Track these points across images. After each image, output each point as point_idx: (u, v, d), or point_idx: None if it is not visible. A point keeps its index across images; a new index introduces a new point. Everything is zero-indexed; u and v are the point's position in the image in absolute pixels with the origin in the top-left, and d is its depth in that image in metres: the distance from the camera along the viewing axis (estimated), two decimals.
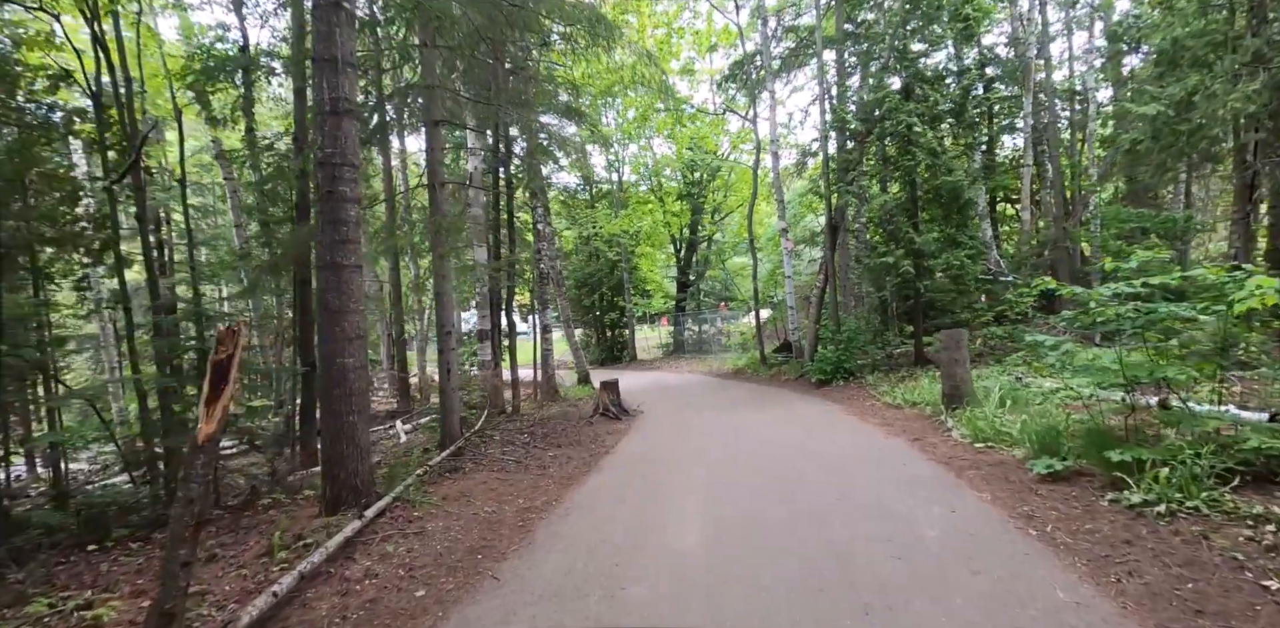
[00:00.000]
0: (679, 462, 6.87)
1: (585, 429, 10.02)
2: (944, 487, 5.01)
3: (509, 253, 12.40)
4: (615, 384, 11.18)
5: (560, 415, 11.81)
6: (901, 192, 12.10)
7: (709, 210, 27.19)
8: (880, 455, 6.26)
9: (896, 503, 4.66)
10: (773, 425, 8.63)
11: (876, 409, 9.28)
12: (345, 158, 5.17)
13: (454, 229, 7.83)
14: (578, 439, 9.09)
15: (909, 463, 5.87)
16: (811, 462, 6.20)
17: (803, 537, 4.13)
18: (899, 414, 8.58)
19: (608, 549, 4.24)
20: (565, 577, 3.83)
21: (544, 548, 4.41)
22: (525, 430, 10.16)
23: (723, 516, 4.77)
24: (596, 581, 3.71)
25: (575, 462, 7.44)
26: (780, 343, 18.75)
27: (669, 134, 18.80)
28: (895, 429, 7.55)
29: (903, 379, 11.48)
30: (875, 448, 6.64)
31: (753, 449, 7.14)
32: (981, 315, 16.51)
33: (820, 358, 12.40)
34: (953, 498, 4.70)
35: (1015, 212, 19.74)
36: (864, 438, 7.25)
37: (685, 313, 27.15)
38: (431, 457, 7.32)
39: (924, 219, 12.17)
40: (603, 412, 10.93)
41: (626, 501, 5.49)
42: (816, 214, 20.02)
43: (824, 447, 6.90)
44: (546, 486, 6.30)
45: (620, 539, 4.43)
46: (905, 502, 4.67)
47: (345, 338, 5.13)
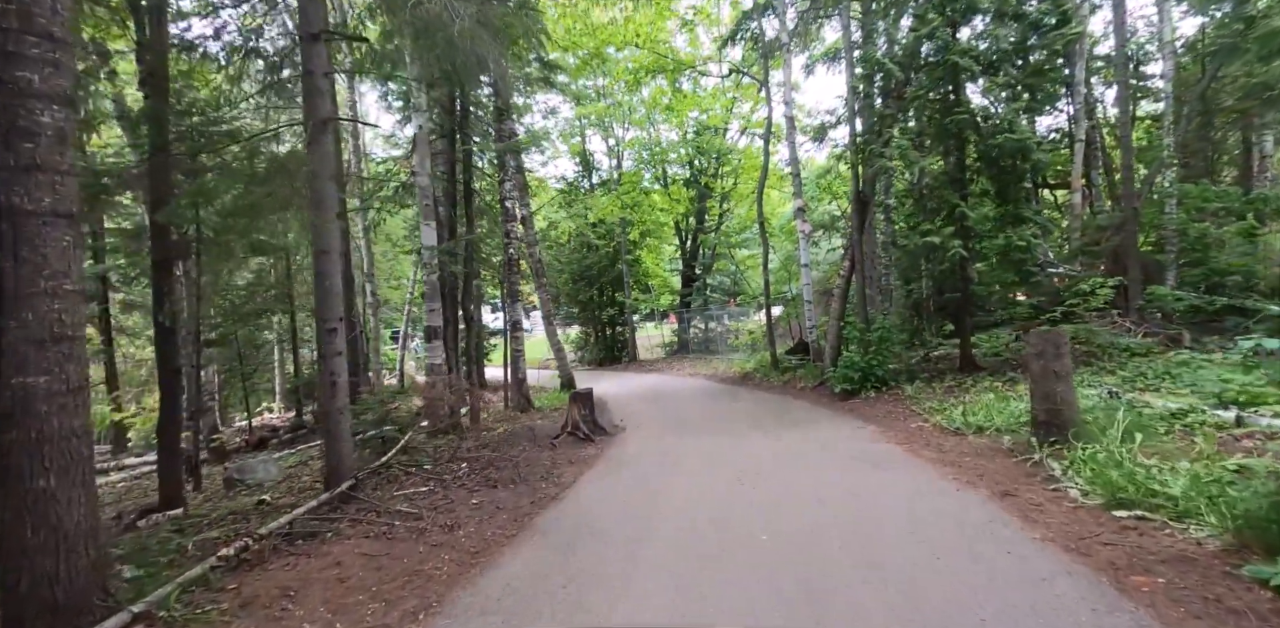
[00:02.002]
0: (649, 529, 4.59)
1: (543, 456, 7.76)
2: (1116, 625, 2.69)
3: (466, 233, 10.17)
4: (588, 396, 8.92)
5: (522, 433, 9.56)
6: (947, 156, 9.72)
7: (716, 196, 24.80)
8: (961, 530, 3.94)
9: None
10: (790, 461, 6.31)
11: (926, 434, 6.94)
12: (29, 23, 2.92)
13: (313, 178, 5.56)
14: (526, 473, 6.83)
15: (1017, 550, 3.55)
16: (854, 543, 3.90)
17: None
18: (962, 445, 6.24)
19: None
20: None
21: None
22: (465, 456, 7.93)
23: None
24: None
25: (503, 517, 5.18)
26: (794, 343, 16.40)
27: (668, 104, 16.50)
28: (965, 472, 5.23)
29: (951, 391, 9.13)
30: (948, 512, 4.31)
31: (760, 507, 4.84)
32: (1025, 311, 14.09)
33: (846, 362, 10.07)
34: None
35: (1055, 196, 17.23)
36: (925, 489, 4.93)
37: (690, 310, 24.83)
38: (283, 515, 5.08)
39: (973, 192, 9.79)
40: (571, 430, 8.68)
41: (546, 613, 3.24)
42: (836, 197, 17.64)
43: (867, 506, 4.59)
44: (437, 568, 4.05)
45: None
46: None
47: (32, 340, 2.89)
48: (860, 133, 10.25)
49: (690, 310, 24.76)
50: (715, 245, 25.79)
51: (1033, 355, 5.41)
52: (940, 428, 7.10)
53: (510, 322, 11.88)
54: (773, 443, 7.21)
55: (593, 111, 22.06)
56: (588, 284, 24.73)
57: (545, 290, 14.24)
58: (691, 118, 23.02)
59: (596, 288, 24.77)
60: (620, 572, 3.73)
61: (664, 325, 29.29)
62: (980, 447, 6.03)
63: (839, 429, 7.75)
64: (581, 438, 8.46)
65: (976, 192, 9.81)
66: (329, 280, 5.68)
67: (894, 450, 6.29)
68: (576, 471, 6.83)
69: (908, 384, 9.76)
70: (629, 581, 3.58)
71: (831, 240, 18.54)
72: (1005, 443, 5.92)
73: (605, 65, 13.33)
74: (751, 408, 10.25)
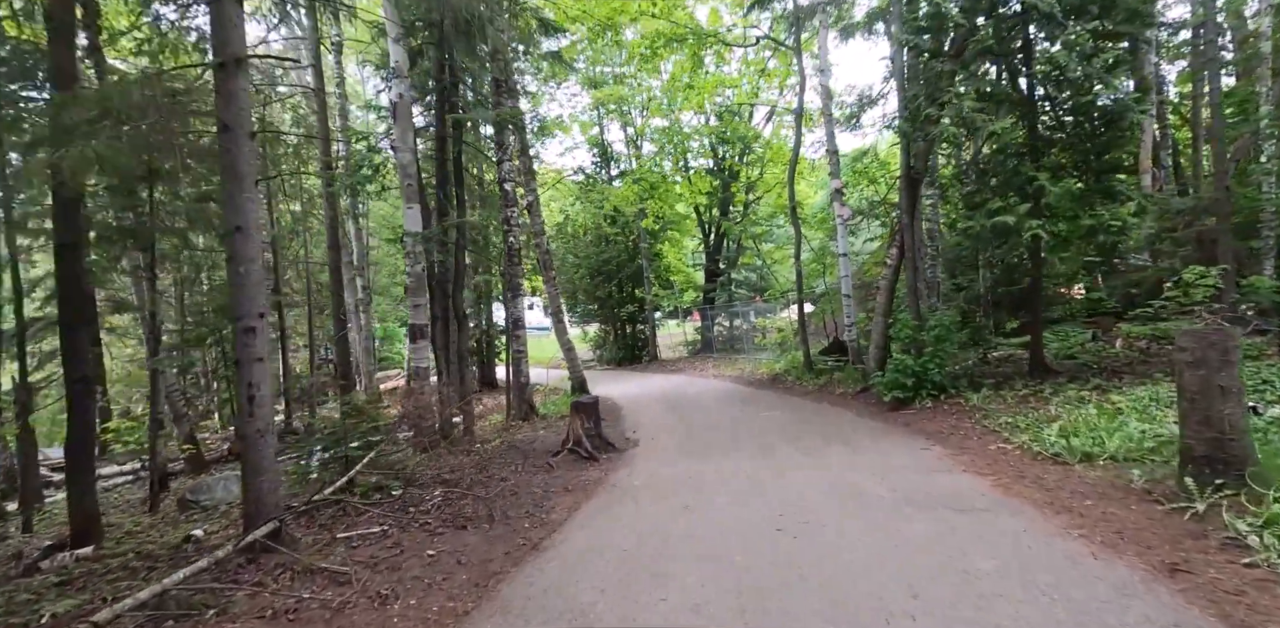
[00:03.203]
0: (653, 613, 3.23)
1: (536, 479, 6.45)
2: None
3: (456, 217, 8.89)
4: (593, 407, 7.58)
5: (519, 447, 8.27)
6: (1019, 122, 8.14)
7: (742, 184, 23.26)
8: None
9: None
10: (845, 499, 4.87)
11: (1013, 461, 5.46)
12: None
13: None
14: (510, 505, 5.52)
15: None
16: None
17: None
18: (1070, 479, 4.75)
19: None
20: None
21: None
22: (445, 477, 6.65)
23: None
24: None
25: (461, 579, 3.86)
26: (829, 342, 14.89)
27: (689, 82, 15.07)
28: (1095, 527, 3.76)
29: (1025, 401, 7.62)
30: (1105, 604, 2.87)
31: (816, 584, 3.44)
32: (1089, 306, 12.39)
33: (896, 366, 8.57)
34: None
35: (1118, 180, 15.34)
36: (1047, 556, 3.48)
37: (714, 306, 23.34)
38: (165, 577, 3.82)
39: (1045, 165, 8.22)
40: (573, 446, 7.35)
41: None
42: (873, 182, 16.04)
43: (975, 591, 3.17)
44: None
45: None
46: None
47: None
48: (911, 97, 8.73)
49: (714, 307, 23.28)
50: (740, 237, 24.26)
51: (1187, 363, 3.91)
52: (1029, 452, 5.61)
53: (511, 319, 10.61)
54: (818, 469, 5.78)
55: (609, 97, 20.71)
56: (606, 279, 23.38)
57: (553, 284, 12.94)
58: (714, 104, 21.61)
59: (615, 283, 23.40)
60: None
61: (687, 323, 27.86)
62: (1099, 484, 4.54)
63: (897, 450, 6.28)
64: (584, 457, 7.13)
65: (1049, 164, 8.22)
66: (245, 266, 4.41)
67: (978, 485, 4.83)
68: (572, 502, 5.49)
69: (971, 392, 8.25)
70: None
71: (870, 229, 16.90)
72: (1135, 480, 4.43)
73: (618, 37, 12.02)
74: (786, 419, 8.81)
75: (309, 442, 6.45)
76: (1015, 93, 8.26)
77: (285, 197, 13.17)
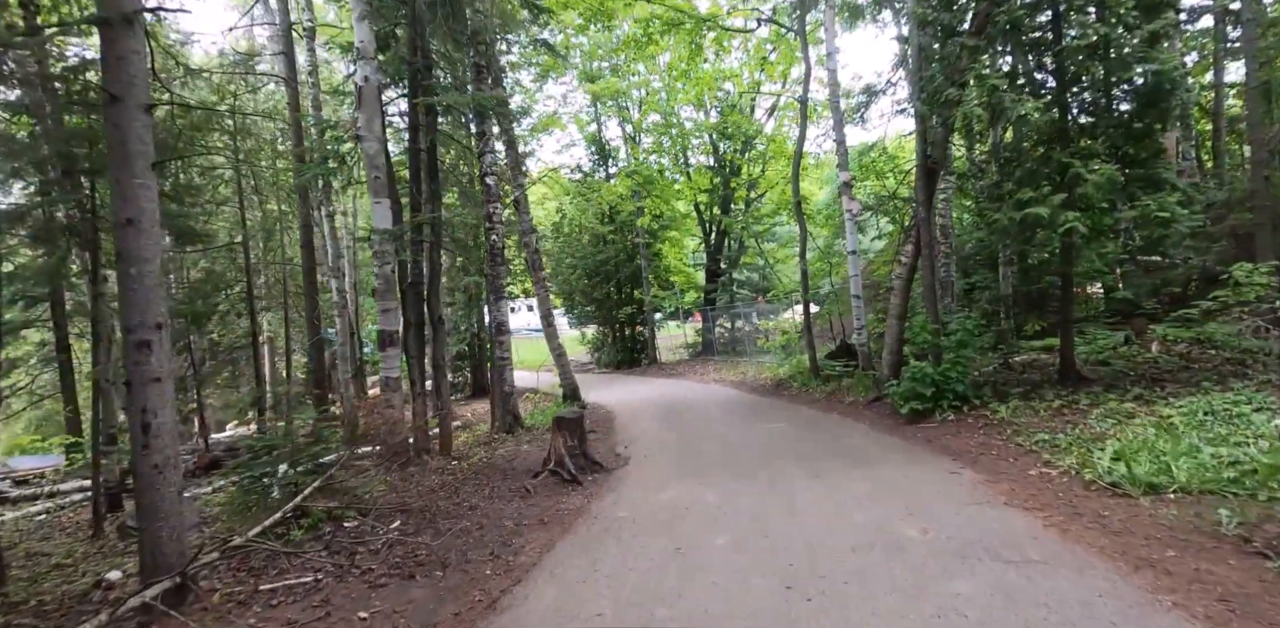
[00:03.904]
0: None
1: (509, 507, 5.67)
2: None
3: (429, 212, 8.11)
4: (577, 422, 6.78)
5: (498, 465, 7.50)
6: (1052, 103, 7.33)
7: (743, 181, 22.47)
8: None
9: None
10: (871, 545, 4.08)
11: (1063, 490, 4.65)
12: None
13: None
14: (473, 543, 4.75)
15: None
16: None
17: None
18: (1138, 517, 3.96)
19: None
20: None
21: None
22: (409, 504, 5.87)
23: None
24: None
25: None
26: (836, 345, 14.07)
27: (685, 69, 14.30)
28: (1190, 592, 2.97)
29: (1061, 414, 6.82)
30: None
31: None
32: (1110, 305, 11.54)
33: (914, 373, 7.76)
34: None
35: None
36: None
37: (715, 307, 22.53)
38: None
39: (1079, 151, 7.40)
40: (554, 467, 6.56)
41: None
42: (881, 176, 15.22)
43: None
44: None
45: None
46: None
47: None
48: (929, 78, 7.93)
49: (715, 308, 22.48)
50: (742, 236, 23.47)
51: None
52: (1079, 479, 4.80)
53: (494, 323, 9.82)
54: (833, 500, 4.97)
55: (605, 91, 19.94)
56: (603, 280, 22.60)
57: (543, 286, 12.14)
58: (714, 99, 20.89)
59: (613, 284, 22.62)
60: None
61: (687, 325, 27.07)
62: (1178, 527, 3.73)
63: (923, 474, 5.48)
64: (566, 479, 6.34)
65: (1082, 151, 7.41)
66: (138, 267, 3.64)
67: (1028, 525, 4.02)
68: (545, 540, 4.70)
69: (999, 404, 7.45)
70: None
71: (878, 226, 16.13)
72: (1225, 523, 3.63)
73: (611, 22, 11.27)
74: (794, 433, 8.01)
75: (245, 465, 5.67)
76: (1044, 71, 7.45)
77: (260, 195, 12.42)
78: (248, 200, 12.15)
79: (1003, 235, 7.46)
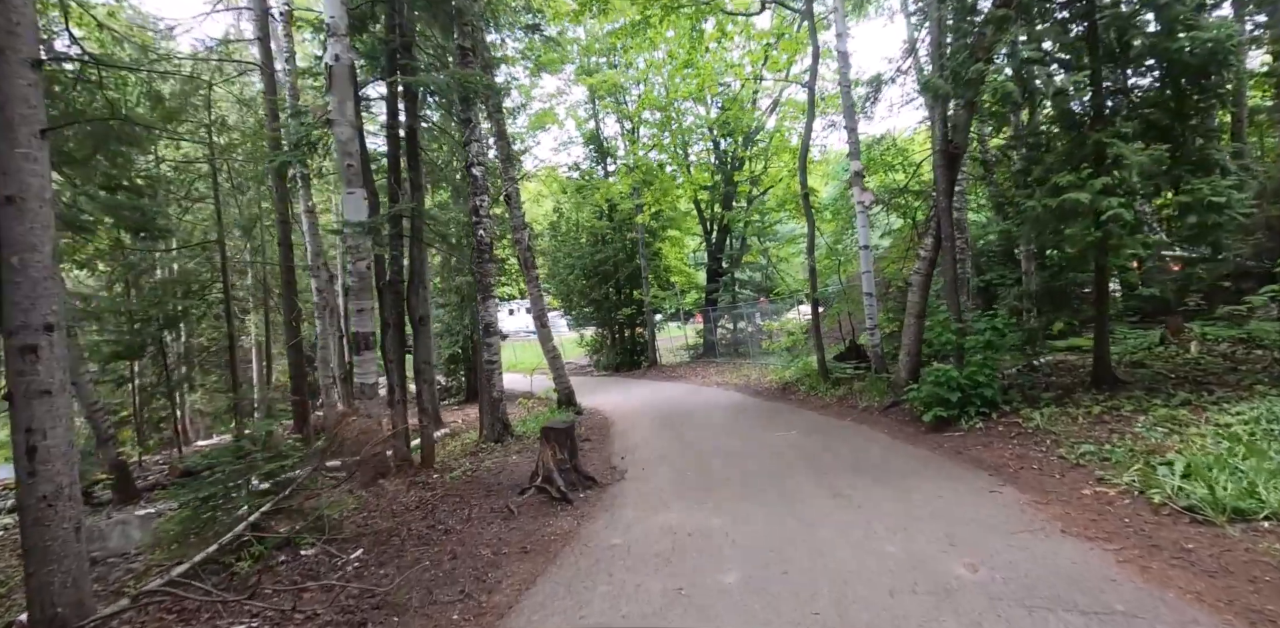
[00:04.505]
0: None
1: (489, 531, 5.02)
2: None
3: (407, 202, 7.47)
4: (567, 433, 6.11)
5: (482, 480, 6.85)
6: (1092, 79, 6.66)
7: (745, 177, 21.84)
8: None
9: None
10: (906, 585, 3.42)
11: (1128, 515, 3.98)
12: None
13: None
14: (443, 578, 4.10)
15: None
16: None
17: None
18: (1230, 552, 3.30)
19: None
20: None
21: None
22: (379, 526, 5.23)
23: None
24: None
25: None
26: (845, 346, 13.42)
27: (686, 59, 13.66)
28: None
29: (1102, 421, 6.17)
30: None
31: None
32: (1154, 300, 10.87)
33: (937, 377, 7.08)
34: None
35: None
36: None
37: (717, 308, 21.86)
38: None
39: (1121, 132, 6.74)
40: (543, 482, 5.90)
41: None
42: (891, 169, 14.57)
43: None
44: None
45: None
46: None
47: None
48: (952, 53, 7.28)
49: (717, 309, 21.81)
50: (744, 233, 22.84)
51: None
52: (1142, 499, 4.14)
53: (482, 324, 9.17)
54: (858, 524, 4.31)
55: (603, 85, 19.31)
56: (602, 280, 21.92)
57: (536, 285, 11.48)
58: (716, 94, 20.31)
59: (612, 284, 21.95)
60: None
61: (689, 326, 26.40)
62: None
63: (958, 493, 4.81)
64: (555, 497, 5.68)
65: (1123, 131, 6.75)
66: (22, 256, 2.99)
67: (1098, 561, 3.36)
68: (526, 574, 4.05)
69: (1030, 410, 6.78)
70: None
71: (889, 222, 15.46)
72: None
73: (607, 4, 10.66)
74: (806, 441, 7.34)
75: (188, 486, 5.02)
76: (1080, 43, 6.79)
77: (238, 191, 11.79)
78: (227, 197, 11.53)
79: (1034, 225, 6.78)
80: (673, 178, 19.25)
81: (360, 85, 8.17)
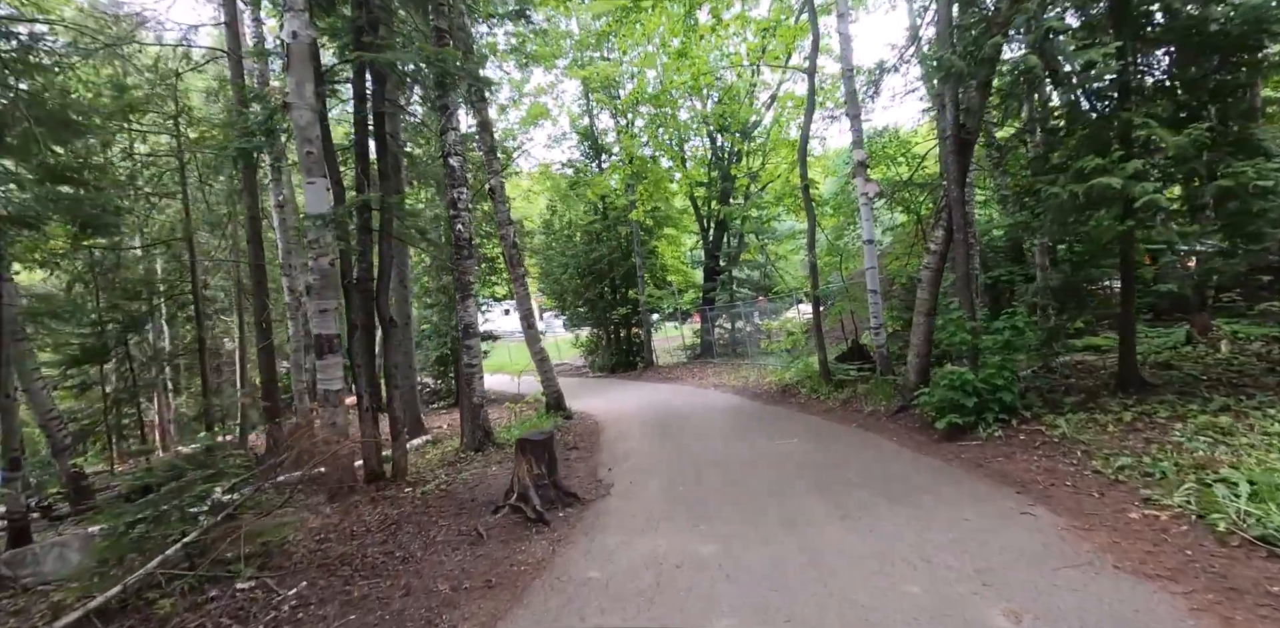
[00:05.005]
0: None
1: (454, 559, 4.44)
2: None
3: (374, 193, 6.88)
4: (545, 445, 5.52)
5: (452, 498, 6.26)
6: (1113, 51, 6.08)
7: (744, 170, 21.28)
8: None
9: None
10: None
11: (1188, 546, 3.40)
12: None
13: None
14: (386, 619, 3.51)
15: None
16: None
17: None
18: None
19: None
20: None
21: None
22: (333, 552, 4.65)
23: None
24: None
25: None
26: (848, 346, 12.85)
27: (680, 48, 13.09)
28: None
29: (1133, 428, 5.61)
30: None
31: None
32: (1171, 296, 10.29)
33: (951, 381, 6.49)
34: None
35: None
36: None
37: (715, 307, 21.28)
38: None
39: (1147, 113, 6.15)
40: (517, 500, 5.32)
41: None
42: (893, 161, 14.00)
43: None
44: None
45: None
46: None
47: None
48: (966, 26, 6.70)
49: (715, 308, 21.23)
50: (742, 229, 22.26)
51: None
52: (1201, 525, 3.57)
53: (463, 325, 8.58)
54: (874, 555, 3.72)
55: (596, 78, 18.74)
56: (596, 279, 21.34)
57: (522, 284, 10.89)
58: (710, 83, 19.77)
59: (606, 284, 21.37)
60: None
61: (686, 326, 25.82)
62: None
63: (987, 515, 4.22)
64: (531, 518, 5.09)
65: (1154, 110, 6.17)
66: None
67: (1170, 611, 2.78)
68: (486, 616, 3.48)
69: (1053, 416, 6.21)
70: None
71: (892, 216, 14.89)
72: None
73: None
74: (810, 451, 6.75)
75: (112, 510, 4.43)
76: (1104, 19, 6.22)
77: (207, 185, 11.19)
78: (195, 191, 10.94)
79: (1057, 214, 6.20)
80: (669, 173, 18.69)
81: (329, 70, 7.60)
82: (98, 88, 9.80)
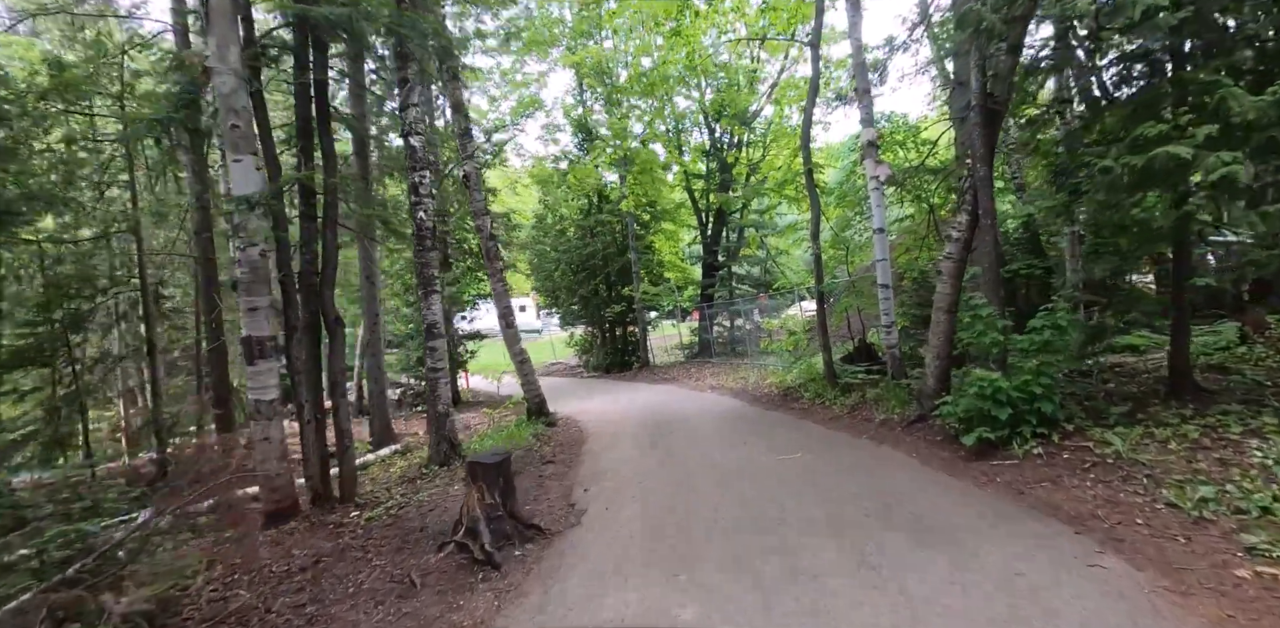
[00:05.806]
0: None
1: (364, 623, 3.53)
2: None
3: (318, 173, 5.98)
4: (499, 469, 4.60)
5: (400, 526, 5.36)
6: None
7: (744, 159, 20.39)
8: None
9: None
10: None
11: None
12: None
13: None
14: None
15: None
16: None
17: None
18: None
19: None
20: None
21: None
22: (240, 602, 3.77)
23: None
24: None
25: None
26: (854, 346, 11.93)
27: (675, 29, 12.18)
28: None
29: (1200, 446, 4.71)
30: None
31: None
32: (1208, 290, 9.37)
33: (981, 389, 5.57)
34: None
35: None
36: None
37: (713, 304, 20.35)
38: None
39: (1218, 69, 5.21)
40: (464, 536, 4.42)
41: None
42: (902, 147, 13.07)
43: None
44: None
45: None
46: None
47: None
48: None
49: (714, 305, 20.32)
50: (741, 224, 21.37)
51: None
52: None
53: (425, 324, 7.68)
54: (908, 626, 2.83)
55: (588, 65, 17.84)
56: (590, 276, 20.41)
57: (500, 279, 9.95)
58: (706, 74, 18.92)
59: (600, 280, 20.44)
60: None
61: (684, 323, 24.90)
62: None
63: (1045, 569, 3.30)
64: (479, 558, 4.19)
65: (1224, 66, 5.24)
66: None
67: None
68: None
69: (1104, 431, 5.29)
70: None
71: (900, 208, 13.95)
72: None
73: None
74: (817, 473, 5.82)
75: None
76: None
77: (153, 172, 10.27)
78: (143, 178, 10.05)
79: (1108, 192, 5.28)
80: (661, 162, 17.81)
81: (266, 35, 6.68)
82: (32, 66, 8.93)
